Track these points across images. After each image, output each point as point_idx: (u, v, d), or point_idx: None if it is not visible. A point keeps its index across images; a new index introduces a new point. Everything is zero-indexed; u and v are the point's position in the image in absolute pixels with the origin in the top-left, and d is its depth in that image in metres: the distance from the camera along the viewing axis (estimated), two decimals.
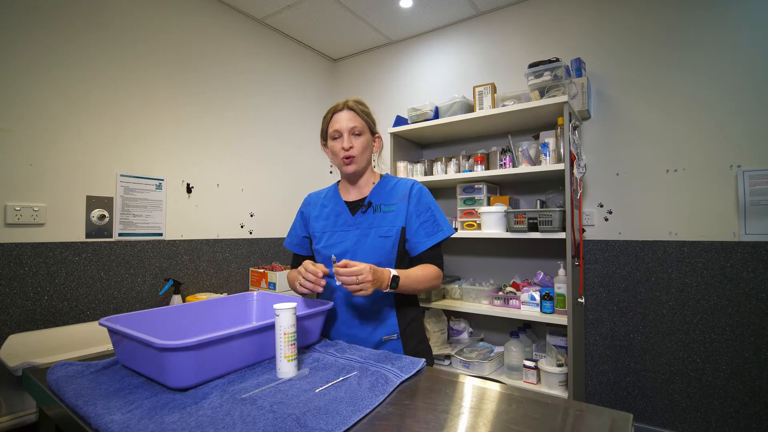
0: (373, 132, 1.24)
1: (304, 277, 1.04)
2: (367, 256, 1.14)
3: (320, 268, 1.03)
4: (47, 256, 1.75)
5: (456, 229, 2.27)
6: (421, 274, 1.13)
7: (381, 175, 1.30)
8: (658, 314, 2.04)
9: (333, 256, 1.02)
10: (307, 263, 1.05)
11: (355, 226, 1.19)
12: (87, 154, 1.89)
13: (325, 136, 1.24)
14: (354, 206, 1.23)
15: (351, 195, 1.26)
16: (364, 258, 1.14)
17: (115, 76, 2.00)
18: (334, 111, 1.20)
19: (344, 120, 1.17)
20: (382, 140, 1.31)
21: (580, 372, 2.04)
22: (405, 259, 1.20)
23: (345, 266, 0.97)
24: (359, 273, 0.96)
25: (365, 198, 1.23)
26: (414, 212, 1.18)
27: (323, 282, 1.03)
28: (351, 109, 1.19)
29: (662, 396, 2.02)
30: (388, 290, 1.05)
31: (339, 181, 1.33)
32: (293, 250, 1.34)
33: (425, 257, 1.18)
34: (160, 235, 2.16)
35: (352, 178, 1.24)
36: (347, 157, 1.17)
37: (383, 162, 1.29)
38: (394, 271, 1.06)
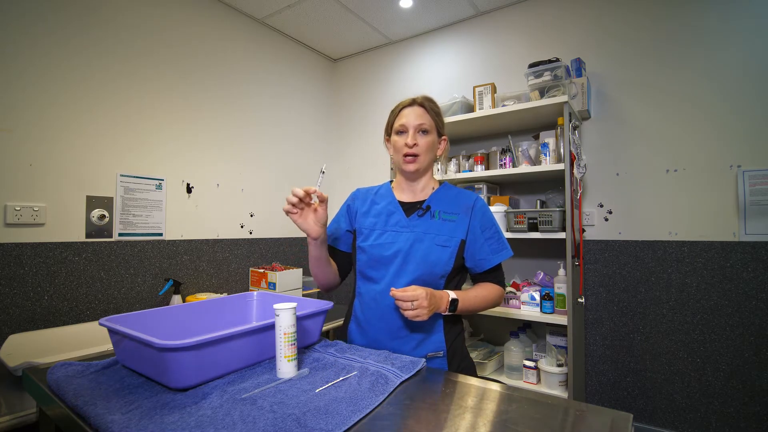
0: (440, 133, 1.18)
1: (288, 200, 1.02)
2: (422, 263, 1.09)
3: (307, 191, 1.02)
4: (47, 256, 1.75)
5: None
6: (481, 295, 1.10)
7: (440, 182, 1.24)
8: (658, 314, 2.04)
9: (323, 168, 1.12)
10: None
11: (408, 229, 1.13)
12: (87, 154, 1.89)
13: (389, 131, 1.20)
14: (407, 207, 1.17)
15: (405, 195, 1.20)
16: (417, 264, 1.09)
17: (115, 76, 2.00)
18: (403, 106, 1.17)
19: (413, 115, 1.13)
20: (449, 143, 1.25)
21: (580, 372, 2.04)
22: (459, 274, 1.15)
23: (403, 291, 0.97)
24: (414, 299, 0.96)
25: (421, 201, 1.17)
26: (479, 227, 1.13)
27: (305, 197, 1.02)
28: (421, 105, 1.15)
29: (662, 396, 2.02)
30: (446, 313, 1.04)
31: (392, 180, 1.28)
32: (332, 244, 1.26)
33: (490, 276, 1.15)
34: (160, 235, 2.16)
35: (411, 177, 1.18)
36: (409, 155, 1.12)
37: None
38: (452, 294, 1.05)
